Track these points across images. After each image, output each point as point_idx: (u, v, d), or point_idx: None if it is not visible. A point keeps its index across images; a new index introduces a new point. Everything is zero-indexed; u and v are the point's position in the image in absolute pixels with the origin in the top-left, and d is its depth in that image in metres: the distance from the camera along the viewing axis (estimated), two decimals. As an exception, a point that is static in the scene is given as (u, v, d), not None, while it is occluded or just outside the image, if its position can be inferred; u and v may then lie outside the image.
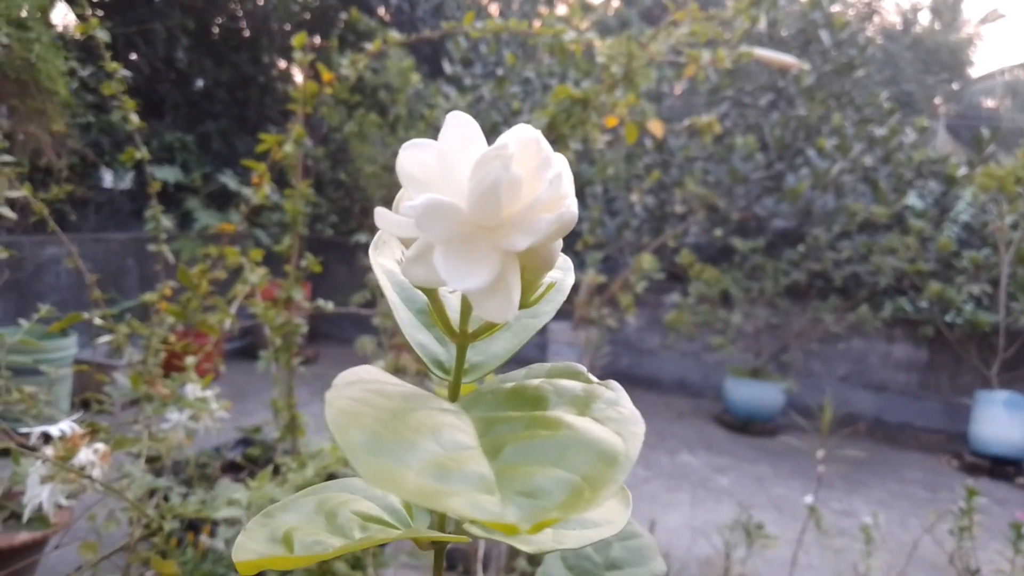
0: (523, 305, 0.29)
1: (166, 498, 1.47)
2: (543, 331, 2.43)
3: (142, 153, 1.68)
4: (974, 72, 10.00)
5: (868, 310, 4.38)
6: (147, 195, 1.75)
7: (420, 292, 0.32)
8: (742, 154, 4.72)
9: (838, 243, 4.48)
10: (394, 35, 1.86)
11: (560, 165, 0.26)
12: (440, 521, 0.31)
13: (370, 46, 1.95)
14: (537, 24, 1.86)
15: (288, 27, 5.55)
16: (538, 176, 0.25)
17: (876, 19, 7.32)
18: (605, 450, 0.23)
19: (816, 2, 4.65)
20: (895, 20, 8.47)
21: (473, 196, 0.24)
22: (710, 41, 1.97)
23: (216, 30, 5.50)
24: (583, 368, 0.29)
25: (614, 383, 0.28)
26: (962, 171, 4.45)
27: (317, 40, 5.51)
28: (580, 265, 3.98)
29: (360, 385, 0.25)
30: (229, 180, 4.65)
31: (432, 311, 0.30)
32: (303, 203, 2.03)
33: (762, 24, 3.01)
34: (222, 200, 4.89)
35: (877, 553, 2.11)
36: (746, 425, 4.34)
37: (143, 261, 4.43)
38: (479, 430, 0.25)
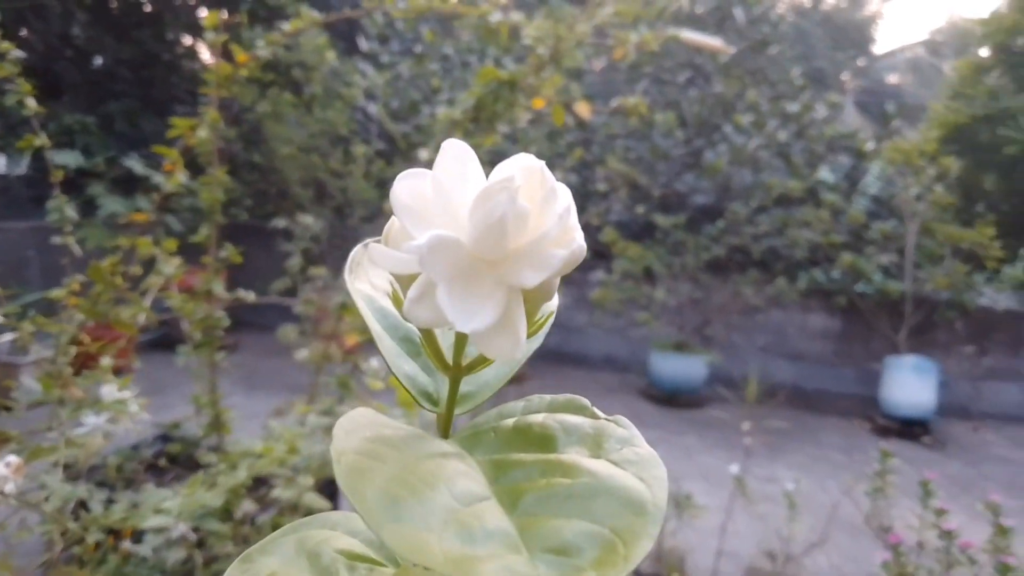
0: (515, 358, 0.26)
1: (85, 506, 1.39)
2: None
3: (41, 139, 1.56)
4: (878, 49, 10.46)
5: (785, 282, 4.53)
6: (48, 182, 1.63)
7: (403, 320, 0.30)
8: (662, 131, 4.78)
9: (756, 217, 4.61)
10: (313, 15, 1.78)
11: (566, 197, 0.24)
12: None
13: (286, 25, 1.87)
14: (458, 2, 1.82)
15: (193, 1, 5.30)
16: (545, 208, 0.24)
17: (786, -4, 7.58)
18: (632, 498, 0.21)
19: (731, -20, 4.73)
20: (804, -2, 8.76)
21: (478, 230, 0.23)
22: (634, 20, 1.97)
23: (116, 5, 5.21)
24: (587, 402, 0.27)
25: (623, 419, 0.26)
26: (870, 146, 4.63)
27: (224, 15, 5.29)
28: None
29: (359, 434, 0.22)
30: (135, 164, 4.43)
31: (423, 343, 0.28)
32: (220, 191, 1.94)
33: (683, 1, 3.03)
34: (128, 185, 4.66)
35: (800, 517, 2.19)
36: (672, 398, 4.44)
37: (45, 251, 4.19)
38: (489, 475, 0.23)
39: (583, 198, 5.05)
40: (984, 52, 5.09)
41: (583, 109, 2.06)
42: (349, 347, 2.14)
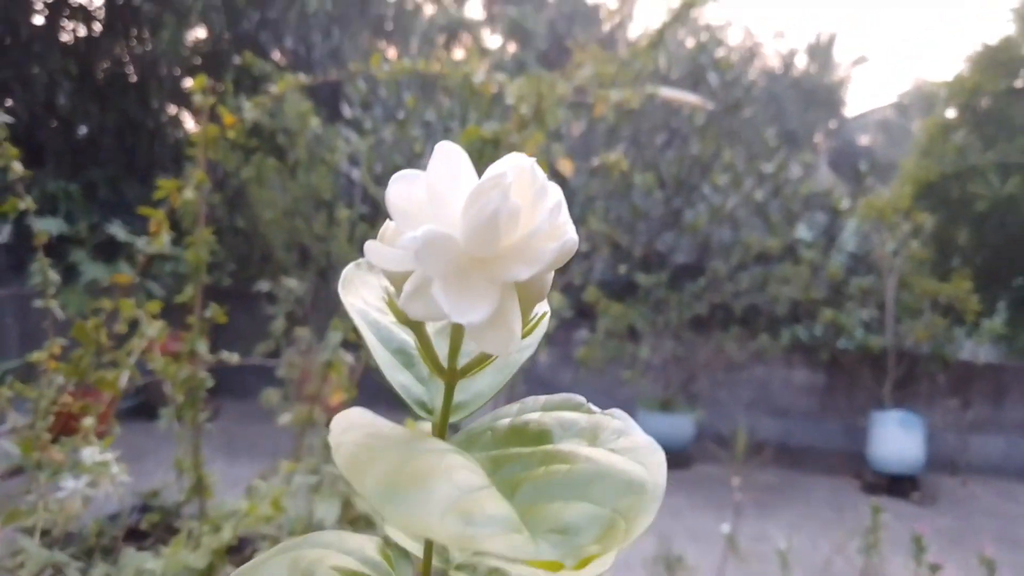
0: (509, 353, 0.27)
1: (62, 572, 1.34)
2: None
3: (26, 202, 1.56)
4: (849, 111, 10.80)
5: (768, 338, 4.55)
6: (28, 249, 1.62)
7: (396, 331, 0.30)
8: (641, 191, 4.86)
9: (736, 275, 4.65)
10: (299, 77, 1.82)
11: (556, 194, 0.25)
12: (425, 569, 0.29)
13: (274, 88, 1.90)
14: (438, 66, 1.86)
15: (178, 71, 5.39)
16: (536, 205, 0.24)
17: (758, 62, 7.79)
18: (631, 480, 0.21)
19: (703, 46, 4.88)
20: (775, 64, 9.03)
21: (470, 227, 0.23)
22: (613, 80, 2.02)
23: (101, 75, 5.28)
24: (583, 399, 0.27)
25: (619, 412, 0.26)
26: (845, 203, 4.73)
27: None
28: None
29: (357, 431, 0.22)
30: (118, 230, 4.43)
31: (419, 347, 0.28)
32: (206, 250, 1.94)
33: (662, 63, 3.13)
34: (110, 251, 4.65)
35: (792, 575, 2.16)
36: (659, 457, 4.40)
37: (24, 318, 4.15)
38: (487, 469, 0.23)
39: (565, 258, 5.08)
40: (950, 112, 5.25)
41: (565, 166, 2.10)
42: (334, 406, 2.12)
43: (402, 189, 0.24)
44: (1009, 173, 4.91)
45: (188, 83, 5.40)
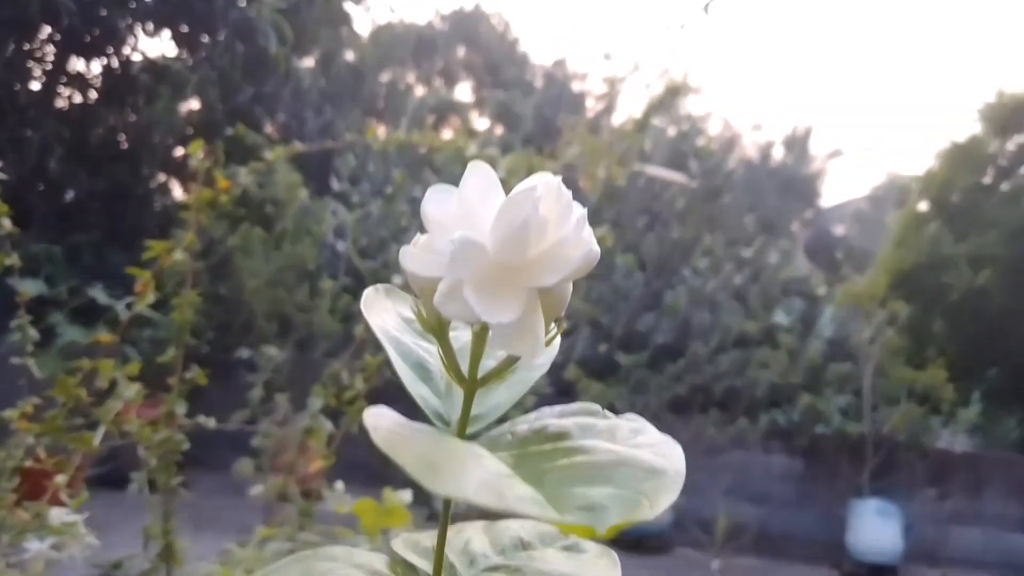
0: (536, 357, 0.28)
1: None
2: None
3: (12, 259, 1.56)
4: (825, 202, 11.15)
5: (747, 422, 4.55)
6: (5, 308, 1.62)
7: (414, 348, 0.32)
8: (623, 272, 4.93)
9: (716, 357, 4.69)
10: (296, 144, 1.86)
11: (580, 209, 0.27)
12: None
13: (269, 154, 1.94)
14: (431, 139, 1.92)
15: (170, 140, 5.47)
16: (562, 218, 0.26)
17: (737, 152, 8.07)
18: (653, 466, 0.23)
19: (685, 134, 5.05)
20: (754, 154, 9.35)
21: (502, 235, 0.25)
22: (599, 159, 2.09)
23: (93, 141, 5.35)
24: (597, 407, 0.28)
25: (632, 415, 0.27)
26: (822, 290, 4.82)
27: (201, 155, 5.44)
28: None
29: (389, 419, 0.23)
30: (99, 293, 4.41)
31: (442, 357, 0.30)
32: (191, 312, 1.94)
33: (646, 146, 3.23)
34: (89, 315, 4.61)
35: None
36: (639, 543, 4.32)
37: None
38: (510, 464, 0.24)
39: (546, 336, 5.11)
40: (922, 205, 5.43)
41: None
42: (311, 474, 2.08)
43: (438, 201, 0.26)
44: (981, 265, 5.04)
45: (179, 152, 5.47)
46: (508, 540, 0.33)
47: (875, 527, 4.14)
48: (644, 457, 0.23)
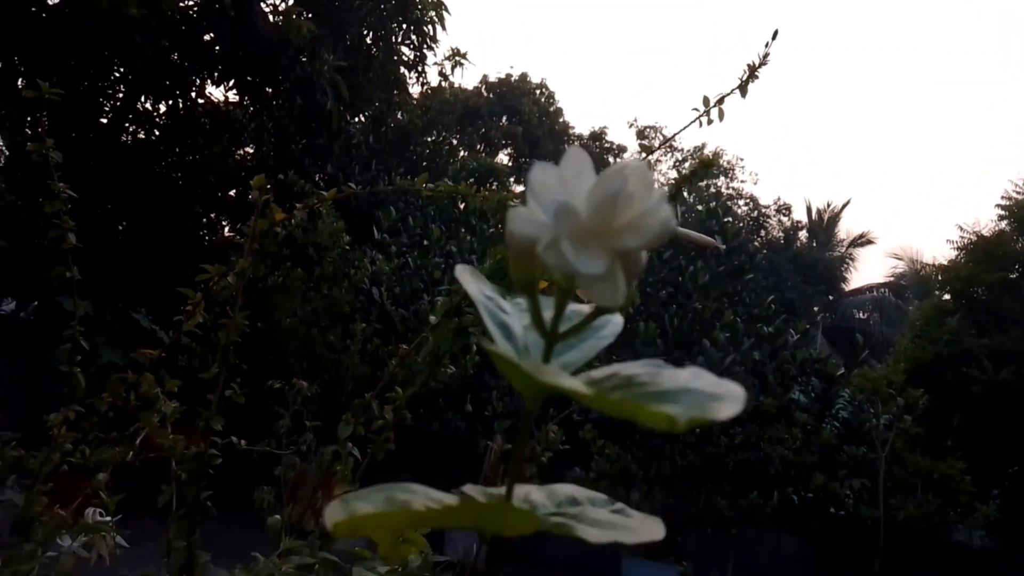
0: (616, 309, 0.35)
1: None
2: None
3: (72, 272, 1.69)
4: (845, 287, 11.19)
5: (759, 497, 4.57)
6: (45, 327, 1.72)
7: (499, 312, 0.38)
8: (643, 339, 5.04)
9: (731, 429, 4.74)
10: (348, 185, 2.04)
11: (662, 189, 0.32)
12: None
13: (324, 193, 2.11)
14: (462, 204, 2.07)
15: (223, 181, 5.74)
16: (645, 195, 0.32)
17: (762, 233, 8.22)
18: (715, 391, 0.27)
19: (712, 211, 5.22)
20: (778, 236, 9.48)
21: (595, 203, 0.30)
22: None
23: (151, 175, 5.63)
24: (661, 360, 0.33)
25: (695, 368, 0.32)
26: (840, 371, 4.88)
27: (250, 196, 5.69)
28: (488, 432, 4.06)
29: None
30: (142, 318, 4.61)
31: (530, 310, 0.36)
32: (237, 333, 2.08)
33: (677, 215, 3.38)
34: (129, 338, 4.79)
35: None
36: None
37: (34, 389, 4.22)
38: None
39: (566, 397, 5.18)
40: (944, 297, 5.50)
41: (583, 294, 2.26)
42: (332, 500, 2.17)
43: (541, 175, 0.32)
44: (1003, 361, 5.07)
45: (230, 193, 5.72)
46: (563, 496, 0.36)
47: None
48: (705, 385, 0.29)
